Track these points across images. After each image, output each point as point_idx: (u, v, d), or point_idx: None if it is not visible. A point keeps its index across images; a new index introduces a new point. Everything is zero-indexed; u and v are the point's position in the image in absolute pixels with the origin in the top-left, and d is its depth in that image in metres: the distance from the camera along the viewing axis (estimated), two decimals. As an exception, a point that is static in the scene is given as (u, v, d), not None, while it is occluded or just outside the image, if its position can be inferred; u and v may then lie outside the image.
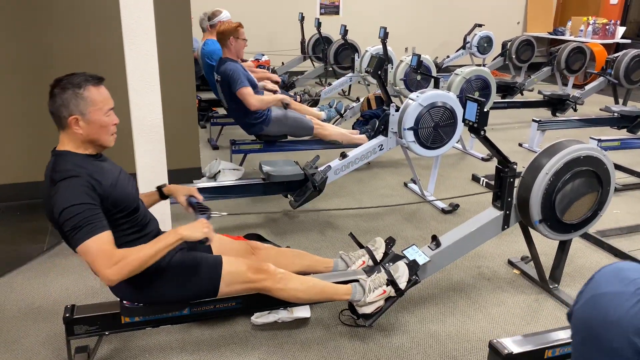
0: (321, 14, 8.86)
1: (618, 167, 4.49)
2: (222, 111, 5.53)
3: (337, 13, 9.03)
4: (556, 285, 2.70)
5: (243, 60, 4.27)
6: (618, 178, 4.21)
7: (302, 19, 7.44)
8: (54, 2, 3.40)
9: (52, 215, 1.73)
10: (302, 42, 7.64)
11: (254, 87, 3.92)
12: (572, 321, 1.05)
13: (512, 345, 1.84)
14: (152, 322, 2.11)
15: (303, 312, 2.41)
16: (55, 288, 2.67)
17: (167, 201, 2.66)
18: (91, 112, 1.79)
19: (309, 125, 4.10)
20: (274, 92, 4.58)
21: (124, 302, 2.04)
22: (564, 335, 1.94)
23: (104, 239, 1.70)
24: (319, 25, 7.24)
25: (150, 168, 2.53)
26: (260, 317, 2.37)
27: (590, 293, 1.02)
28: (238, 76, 3.76)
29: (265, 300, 2.24)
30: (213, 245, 2.24)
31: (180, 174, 3.72)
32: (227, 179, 3.93)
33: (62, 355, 2.13)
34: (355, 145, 3.88)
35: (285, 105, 4.02)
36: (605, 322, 0.93)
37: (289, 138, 4.21)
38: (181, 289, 2.01)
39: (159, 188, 2.27)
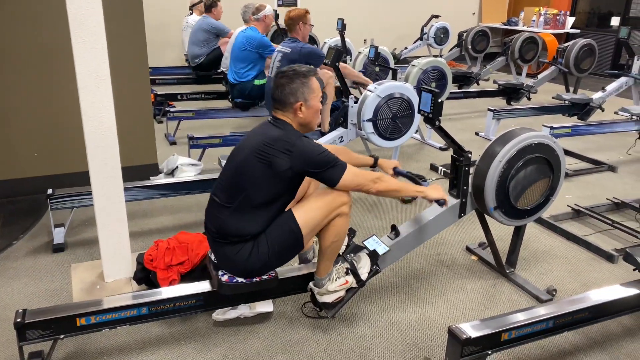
0: (279, 5, 8.78)
1: (569, 153, 4.66)
2: (179, 106, 5.43)
3: (295, 5, 8.96)
4: (512, 270, 2.78)
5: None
6: (569, 164, 4.37)
7: (259, 10, 7.36)
8: (-4, -6, 3.25)
9: (296, 162, 2.01)
10: (261, 34, 7.56)
11: None
12: None
13: (470, 330, 1.88)
14: (109, 324, 2.06)
15: (265, 306, 2.40)
16: (5, 292, 2.56)
17: (122, 193, 2.58)
18: (312, 98, 2.12)
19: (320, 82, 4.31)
20: None
21: (223, 279, 2.11)
22: (520, 318, 2.00)
23: (350, 166, 2.11)
24: (276, 17, 7.17)
25: (103, 165, 2.45)
26: (222, 314, 2.35)
27: None
28: (321, 53, 4.27)
29: (227, 297, 2.22)
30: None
31: (136, 170, 3.63)
32: (186, 175, 3.86)
33: (15, 362, 2.06)
34: (317, 137, 3.88)
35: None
36: None
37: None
38: (274, 250, 2.11)
39: (376, 159, 2.61)
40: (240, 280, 2.14)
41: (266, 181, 2.04)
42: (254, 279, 2.15)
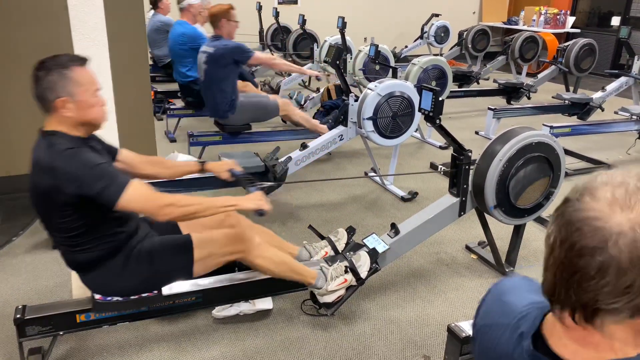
0: (279, 3, 8.78)
1: (569, 152, 4.66)
2: (179, 103, 5.43)
3: (295, 2, 8.97)
4: (512, 269, 2.79)
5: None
6: (569, 163, 4.37)
7: (259, 8, 7.35)
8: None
9: (64, 185, 1.68)
10: (261, 32, 7.55)
11: None
12: (473, 345, 1.00)
13: (470, 328, 1.88)
14: (109, 320, 2.06)
15: (265, 304, 2.40)
16: (5, 289, 2.57)
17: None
18: (79, 93, 1.74)
19: (275, 106, 4.09)
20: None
21: (96, 297, 1.97)
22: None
23: (139, 185, 1.74)
24: (277, 15, 7.17)
25: (103, 162, 2.45)
26: (222, 311, 2.35)
27: (480, 322, 0.97)
28: (245, 47, 3.89)
29: (227, 294, 2.22)
30: (182, 224, 2.21)
31: (137, 167, 3.62)
32: (186, 172, 3.86)
33: (15, 358, 2.05)
34: (316, 135, 3.88)
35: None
36: (495, 355, 0.88)
37: (251, 130, 4.18)
38: (156, 274, 1.97)
39: (202, 163, 2.30)
40: (116, 298, 1.98)
41: (59, 213, 1.75)
42: (132, 297, 2.00)
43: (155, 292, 2.04)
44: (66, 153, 1.69)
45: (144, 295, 2.02)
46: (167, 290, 2.17)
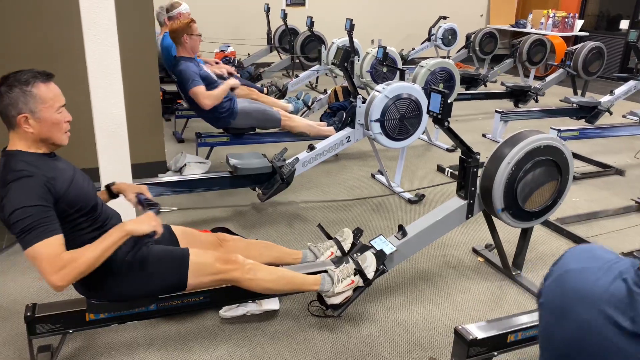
0: (287, 5, 8.80)
1: (577, 156, 4.65)
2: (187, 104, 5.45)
3: (303, 4, 8.98)
4: (519, 272, 2.78)
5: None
6: (576, 167, 4.36)
7: (267, 10, 7.38)
8: (9, -9, 3.28)
9: (3, 216, 1.67)
10: (269, 33, 7.58)
11: (210, 82, 3.82)
12: (541, 300, 1.07)
13: (477, 331, 1.89)
14: (118, 319, 2.08)
15: (272, 304, 2.41)
16: (15, 287, 2.59)
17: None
18: (41, 109, 1.73)
19: (277, 117, 4.08)
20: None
21: (91, 299, 1.99)
22: (526, 320, 2.00)
23: (53, 242, 1.64)
24: (284, 16, 7.20)
25: (113, 162, 2.48)
26: (229, 311, 2.36)
27: (558, 271, 1.05)
28: (189, 76, 3.66)
29: (234, 294, 2.23)
30: (180, 238, 2.23)
31: (145, 167, 3.65)
32: (193, 172, 3.89)
33: (24, 355, 2.08)
34: (323, 137, 3.88)
35: (232, 89, 3.94)
36: (575, 295, 0.97)
37: (257, 131, 4.19)
38: (148, 283, 1.98)
39: (108, 187, 2.19)
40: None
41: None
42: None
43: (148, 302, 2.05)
44: (15, 182, 1.66)
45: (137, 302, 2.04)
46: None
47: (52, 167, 1.78)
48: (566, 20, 9.00)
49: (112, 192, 2.18)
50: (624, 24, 8.96)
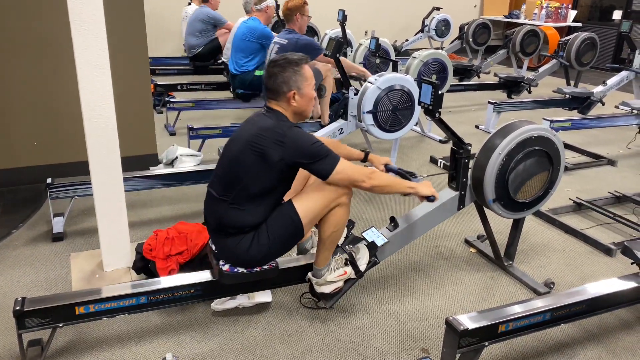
0: (280, -4, 8.73)
1: (569, 146, 4.66)
2: (179, 96, 5.42)
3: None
4: (510, 263, 2.79)
5: None
6: (569, 157, 4.37)
7: (260, 1, 7.32)
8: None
9: (288, 153, 1.99)
10: (261, 25, 7.53)
11: None
12: None
13: (468, 322, 1.89)
14: (109, 312, 2.06)
15: (264, 296, 2.41)
16: (4, 281, 2.57)
17: (121, 185, 2.58)
18: (305, 87, 2.09)
19: (318, 73, 4.20)
20: None
21: (224, 269, 2.12)
22: (517, 310, 2.01)
23: (344, 160, 2.08)
24: (277, 7, 7.13)
25: (102, 155, 2.45)
26: (221, 304, 2.36)
27: None
28: (317, 45, 4.30)
29: (226, 287, 2.23)
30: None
31: (136, 160, 3.63)
32: (185, 165, 3.86)
33: (14, 350, 2.07)
34: (316, 129, 3.88)
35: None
36: None
37: None
38: (275, 240, 2.11)
39: (367, 153, 2.55)
40: (241, 270, 2.14)
41: (260, 172, 2.03)
42: (255, 269, 2.16)
43: (274, 264, 2.19)
44: (295, 130, 2.04)
45: (264, 267, 2.17)
46: (167, 282, 2.19)
47: None
48: (559, 10, 8.99)
49: (365, 158, 2.56)
50: (617, 15, 8.97)
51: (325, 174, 2.05)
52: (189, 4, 7.00)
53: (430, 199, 2.26)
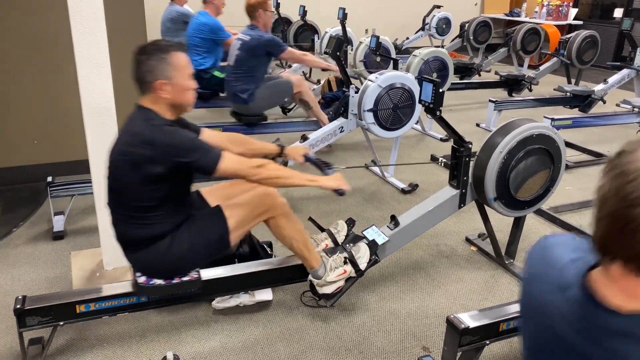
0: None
1: (570, 145, 4.65)
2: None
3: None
4: (511, 261, 2.79)
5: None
6: (569, 155, 4.36)
7: (260, -1, 7.30)
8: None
9: (162, 157, 1.81)
10: (261, 23, 7.51)
11: None
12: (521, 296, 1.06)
13: (469, 320, 1.89)
14: (109, 311, 2.07)
15: (264, 295, 2.40)
16: (5, 279, 2.57)
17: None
18: (176, 76, 1.88)
19: (288, 84, 4.15)
20: None
21: (140, 281, 2.00)
22: (518, 308, 2.00)
23: (229, 152, 1.91)
24: (277, 5, 7.13)
25: (102, 153, 2.44)
26: (222, 302, 2.36)
27: (526, 273, 1.01)
28: (280, 41, 4.03)
29: (227, 285, 2.23)
30: (207, 197, 2.27)
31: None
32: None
33: (15, 348, 2.07)
34: (316, 128, 3.87)
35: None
36: (538, 304, 0.93)
37: (267, 120, 4.21)
38: (194, 252, 2.01)
39: (282, 147, 2.41)
40: (159, 282, 2.02)
41: (142, 184, 1.85)
42: (173, 281, 2.04)
43: (195, 275, 2.08)
44: (165, 129, 1.84)
45: (185, 279, 2.05)
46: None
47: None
48: (560, 8, 8.97)
49: (280, 154, 2.41)
50: (618, 13, 8.95)
51: (208, 169, 1.86)
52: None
53: (339, 192, 2.08)
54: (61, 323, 2.01)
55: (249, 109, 4.06)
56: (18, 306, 1.93)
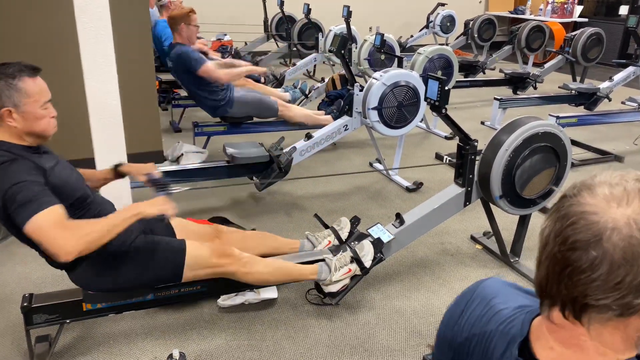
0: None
1: (575, 143, 4.63)
2: (184, 93, 5.41)
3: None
4: (517, 259, 2.78)
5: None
6: (575, 154, 4.34)
7: (264, -3, 7.32)
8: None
9: None
10: (265, 21, 7.52)
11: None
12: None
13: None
14: (115, 309, 2.07)
15: (270, 293, 2.41)
16: (12, 277, 2.59)
17: (128, 186, 2.60)
18: (26, 104, 1.70)
19: (274, 107, 4.05)
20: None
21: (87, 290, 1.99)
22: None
23: (56, 211, 1.60)
24: (281, 4, 7.13)
25: (108, 152, 2.46)
26: (227, 300, 2.36)
27: (468, 331, 0.93)
28: (194, 55, 3.67)
29: (232, 283, 2.23)
30: (177, 229, 2.22)
31: (141, 157, 3.60)
32: (191, 162, 3.87)
33: (22, 346, 2.08)
34: (321, 126, 3.86)
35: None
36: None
37: (255, 120, 4.16)
38: (143, 274, 1.96)
39: (116, 166, 2.16)
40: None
41: (9, 226, 1.68)
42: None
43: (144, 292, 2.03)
44: (3, 164, 1.63)
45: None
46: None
47: (36, 158, 1.76)
48: (565, 6, 8.94)
49: (119, 173, 2.15)
50: (624, 10, 8.89)
51: (19, 225, 1.59)
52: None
53: (159, 217, 1.83)
54: (68, 321, 2.02)
55: (232, 115, 3.97)
56: (25, 304, 1.94)
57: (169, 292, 2.13)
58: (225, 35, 7.28)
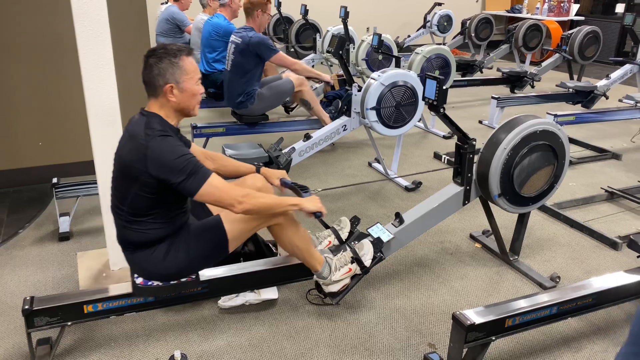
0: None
1: (573, 140, 4.65)
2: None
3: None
4: (516, 257, 2.79)
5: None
6: (573, 152, 4.36)
7: (261, -1, 7.30)
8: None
9: (151, 167, 1.80)
10: (263, 22, 7.51)
11: None
12: None
13: (474, 316, 1.89)
14: (116, 311, 2.08)
15: (270, 293, 2.41)
16: (13, 280, 2.59)
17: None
18: (184, 80, 1.89)
19: (290, 84, 4.10)
20: None
21: (138, 282, 2.01)
22: (524, 304, 2.01)
23: (218, 177, 1.87)
24: (279, 5, 7.14)
25: (108, 155, 2.45)
26: (228, 301, 2.37)
27: None
28: (269, 43, 3.92)
29: (233, 284, 2.24)
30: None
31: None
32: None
33: (24, 349, 2.08)
34: (319, 126, 3.87)
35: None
36: None
37: (268, 119, 4.20)
38: (192, 258, 2.02)
39: (258, 168, 2.40)
40: (157, 283, 2.04)
41: (137, 188, 1.86)
42: (171, 282, 2.06)
43: (193, 276, 2.09)
44: (157, 139, 1.81)
45: (182, 280, 2.07)
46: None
47: (181, 138, 1.98)
48: (562, 4, 8.96)
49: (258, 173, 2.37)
50: (620, 8, 8.92)
51: (190, 194, 1.84)
52: (165, 2, 6.75)
53: (316, 215, 2.09)
54: (69, 323, 2.02)
55: (251, 111, 4.04)
56: (26, 307, 1.94)
57: (172, 293, 2.14)
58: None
